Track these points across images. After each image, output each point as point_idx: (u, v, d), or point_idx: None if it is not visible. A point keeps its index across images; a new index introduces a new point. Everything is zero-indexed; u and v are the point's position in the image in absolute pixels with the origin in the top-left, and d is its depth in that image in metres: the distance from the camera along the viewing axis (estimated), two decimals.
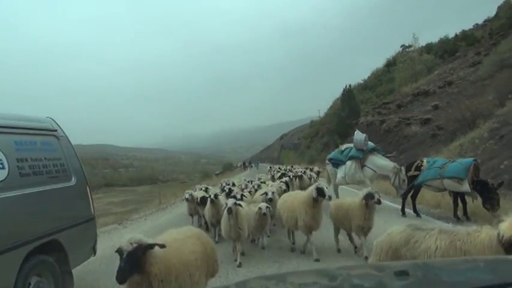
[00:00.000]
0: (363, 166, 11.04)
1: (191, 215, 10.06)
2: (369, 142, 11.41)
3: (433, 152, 17.65)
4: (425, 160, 9.29)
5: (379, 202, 6.01)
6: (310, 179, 14.14)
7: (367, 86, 58.58)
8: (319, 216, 6.33)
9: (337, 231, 6.94)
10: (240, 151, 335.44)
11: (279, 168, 26.31)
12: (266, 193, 7.85)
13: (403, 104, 32.08)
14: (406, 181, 9.69)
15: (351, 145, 11.74)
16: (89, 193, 5.87)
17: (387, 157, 11.65)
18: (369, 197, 6.01)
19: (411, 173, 9.42)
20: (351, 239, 6.87)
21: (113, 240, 9.73)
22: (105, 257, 7.79)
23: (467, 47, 39.70)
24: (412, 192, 9.54)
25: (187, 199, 9.67)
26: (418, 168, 9.18)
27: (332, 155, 12.66)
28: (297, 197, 6.69)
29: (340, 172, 11.64)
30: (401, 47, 57.03)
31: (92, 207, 5.86)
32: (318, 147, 53.58)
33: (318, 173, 19.50)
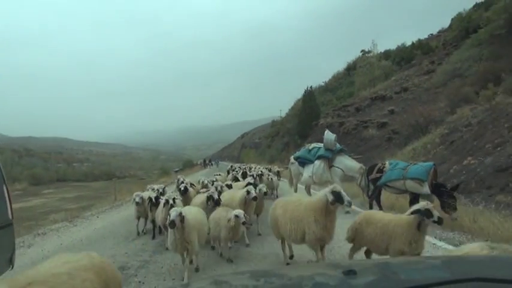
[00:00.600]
0: (331, 166, 11.03)
1: (138, 218, 9.02)
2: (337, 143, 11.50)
3: (388, 155, 18.21)
4: (387, 162, 9.46)
5: (439, 222, 4.39)
6: (267, 179, 14.18)
7: (327, 89, 59.74)
8: (332, 226, 5.11)
9: (355, 251, 5.37)
10: (201, 148, 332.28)
11: (239, 167, 26.28)
12: (248, 191, 7.23)
13: (361, 107, 33.01)
14: (366, 182, 9.93)
15: (319, 145, 11.73)
16: (6, 194, 4.84)
17: (354, 158, 11.72)
18: (424, 214, 4.36)
19: (373, 175, 9.57)
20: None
21: (61, 238, 9.22)
22: (51, 256, 7.34)
23: (422, 56, 41.53)
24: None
25: (137, 202, 8.69)
26: (380, 171, 9.34)
27: (299, 153, 12.46)
28: (302, 203, 5.42)
29: (307, 171, 11.53)
30: (361, 52, 58.79)
31: (9, 211, 4.85)
32: (279, 147, 53.90)
33: (278, 173, 19.62)
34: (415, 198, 8.47)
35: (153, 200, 8.27)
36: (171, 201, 6.89)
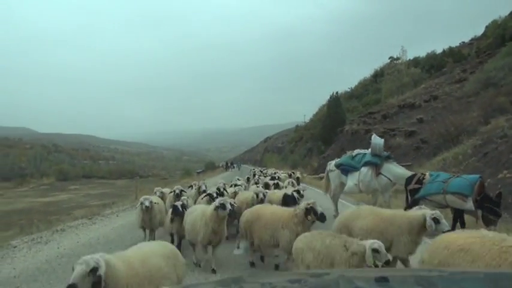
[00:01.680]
0: (378, 174, 10.19)
1: (144, 229, 7.64)
2: None
3: (416, 165, 17.58)
4: (427, 173, 8.76)
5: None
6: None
7: (353, 95, 58.88)
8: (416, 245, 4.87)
9: None
10: (223, 151, 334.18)
11: (261, 171, 26.03)
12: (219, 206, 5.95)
13: (388, 115, 32.18)
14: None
15: (363, 151, 11.00)
16: None
17: (403, 166, 10.92)
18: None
19: (411, 186, 8.84)
20: None
21: (78, 236, 9.19)
22: (66, 255, 7.28)
23: (454, 63, 40.24)
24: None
25: (146, 207, 7.05)
26: (419, 182, 8.63)
27: (341, 160, 11.44)
28: (395, 217, 5.14)
29: (352, 179, 10.60)
30: (389, 58, 57.57)
31: None
32: (302, 153, 53.61)
33: (297, 179, 18.76)
34: (458, 214, 7.84)
35: (179, 208, 6.54)
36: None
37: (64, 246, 7.90)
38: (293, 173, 19.71)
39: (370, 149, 10.60)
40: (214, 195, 7.86)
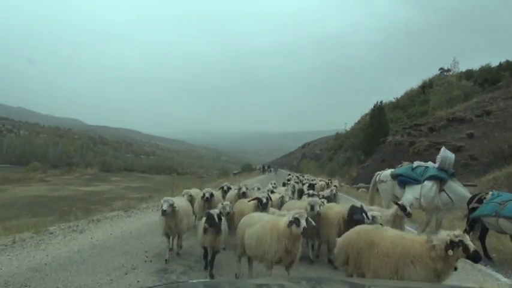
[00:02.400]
0: (440, 190, 9.26)
1: (168, 237, 6.69)
2: None
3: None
4: (490, 193, 7.98)
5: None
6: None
7: (398, 105, 56.98)
8: None
9: None
10: (261, 154, 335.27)
11: (298, 176, 25.57)
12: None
13: (435, 128, 30.68)
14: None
15: (424, 164, 10.07)
16: None
17: (466, 185, 10.00)
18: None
19: (471, 205, 8.18)
20: None
21: (112, 228, 9.28)
22: (97, 246, 7.32)
23: (510, 78, 37.83)
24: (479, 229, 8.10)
25: (163, 211, 6.22)
26: (480, 201, 7.94)
27: (400, 170, 10.31)
28: None
29: (412, 192, 9.55)
30: (439, 70, 55.28)
31: None
32: (340, 161, 52.64)
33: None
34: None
35: (215, 218, 5.57)
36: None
37: (97, 237, 7.97)
38: (330, 181, 18.98)
39: (437, 163, 9.59)
40: (264, 200, 6.80)
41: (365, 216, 5.63)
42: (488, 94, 35.97)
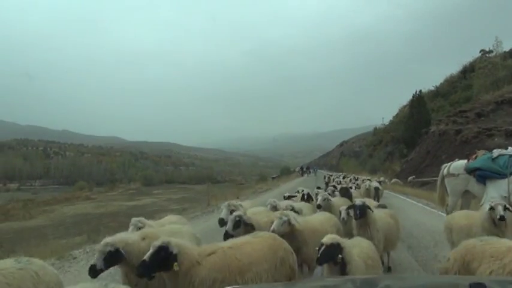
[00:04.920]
0: None
1: None
2: None
3: None
4: None
5: None
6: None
7: (439, 93, 54.40)
8: None
9: None
10: (298, 156, 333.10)
11: (338, 177, 24.63)
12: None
13: (483, 112, 28.73)
14: None
15: (507, 151, 8.25)
16: None
17: None
18: None
19: None
20: None
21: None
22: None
23: None
24: None
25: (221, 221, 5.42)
26: None
27: (478, 163, 8.33)
28: None
29: (497, 189, 7.83)
30: (480, 52, 52.29)
31: None
32: (381, 157, 51.17)
33: (376, 190, 16.03)
34: None
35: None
36: None
37: None
38: (377, 180, 17.79)
39: None
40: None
41: None
42: None
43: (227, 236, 4.64)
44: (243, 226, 4.75)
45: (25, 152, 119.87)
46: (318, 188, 10.61)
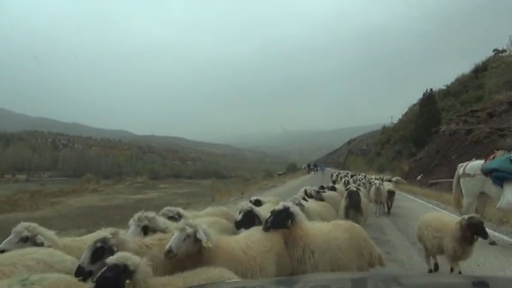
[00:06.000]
0: None
1: None
2: None
3: None
4: None
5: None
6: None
7: (449, 93, 53.61)
8: None
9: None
10: (305, 153, 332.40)
11: (345, 174, 24.22)
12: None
13: (495, 113, 28.19)
14: None
15: None
16: None
17: None
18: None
19: None
20: None
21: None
22: None
23: None
24: None
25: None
26: None
27: (495, 164, 7.76)
28: None
29: None
30: (493, 51, 51.37)
31: None
32: (389, 155, 50.72)
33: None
34: None
35: None
36: None
37: None
38: (387, 179, 17.51)
39: None
40: None
41: None
42: None
43: None
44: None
45: (34, 144, 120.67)
46: (322, 187, 9.02)
